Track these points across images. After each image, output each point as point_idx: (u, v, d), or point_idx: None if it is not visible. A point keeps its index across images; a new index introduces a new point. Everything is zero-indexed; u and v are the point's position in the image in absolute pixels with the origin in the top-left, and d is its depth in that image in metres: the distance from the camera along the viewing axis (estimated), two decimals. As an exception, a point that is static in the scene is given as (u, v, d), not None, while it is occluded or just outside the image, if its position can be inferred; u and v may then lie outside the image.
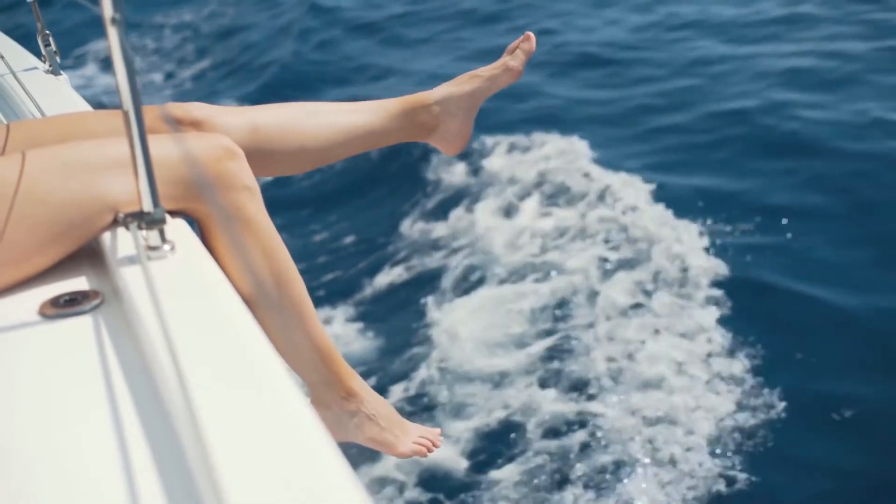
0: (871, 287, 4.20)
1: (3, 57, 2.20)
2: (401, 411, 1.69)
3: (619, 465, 3.49)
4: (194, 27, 9.65)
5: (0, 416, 0.97)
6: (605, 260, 4.69)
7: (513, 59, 1.82)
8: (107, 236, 1.25)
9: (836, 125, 5.57)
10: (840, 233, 4.63)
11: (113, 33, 1.05)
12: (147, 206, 1.13)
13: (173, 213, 1.33)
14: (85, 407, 0.97)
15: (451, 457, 3.56)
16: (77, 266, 1.26)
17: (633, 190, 5.23)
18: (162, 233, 1.15)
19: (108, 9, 1.03)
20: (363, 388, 1.63)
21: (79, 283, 1.22)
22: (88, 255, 1.28)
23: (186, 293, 1.08)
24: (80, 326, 1.11)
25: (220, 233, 1.39)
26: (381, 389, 3.85)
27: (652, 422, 3.65)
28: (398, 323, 4.55)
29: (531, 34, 1.83)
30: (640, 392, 3.79)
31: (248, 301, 1.42)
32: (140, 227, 1.15)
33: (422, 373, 4.08)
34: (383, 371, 4.16)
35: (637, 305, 4.33)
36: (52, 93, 1.99)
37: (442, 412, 3.82)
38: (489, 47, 7.22)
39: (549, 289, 4.53)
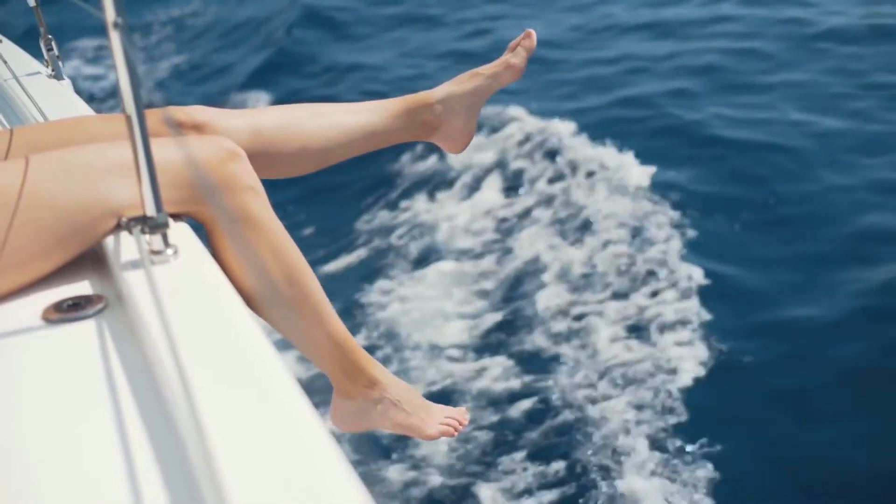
0: (767, 263, 4.45)
1: (5, 61, 2.21)
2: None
3: (569, 436, 3.59)
4: (179, 22, 9.68)
5: (4, 421, 0.97)
6: (551, 244, 4.86)
7: (514, 57, 1.82)
8: (110, 240, 1.25)
9: (743, 121, 5.83)
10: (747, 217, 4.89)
11: (115, 38, 1.05)
12: (150, 210, 1.13)
13: (176, 217, 1.33)
14: (88, 411, 0.97)
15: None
16: (80, 270, 1.26)
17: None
18: (165, 237, 1.15)
19: (110, 13, 1.03)
20: (384, 374, 1.63)
21: (82, 287, 1.22)
22: (92, 260, 1.28)
23: (190, 297, 1.08)
24: (84, 331, 1.11)
25: (226, 235, 1.39)
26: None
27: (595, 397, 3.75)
28: (356, 302, 4.67)
29: (532, 32, 1.83)
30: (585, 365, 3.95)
31: (261, 301, 1.45)
32: (143, 232, 1.15)
33: (378, 353, 4.18)
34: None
35: (583, 279, 4.47)
36: (55, 97, 1.99)
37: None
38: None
39: (504, 267, 4.71)
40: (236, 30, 9.18)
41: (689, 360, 3.89)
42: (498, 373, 3.97)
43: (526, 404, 3.81)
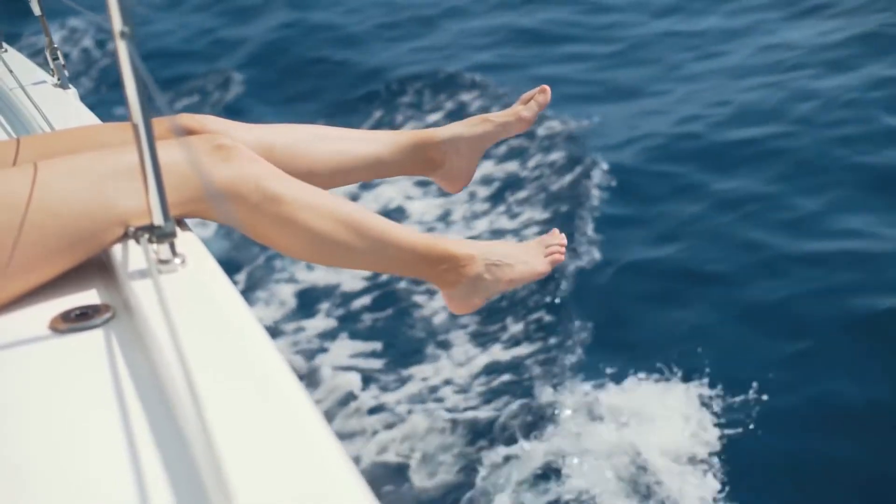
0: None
1: (11, 71, 2.21)
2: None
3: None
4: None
5: (12, 431, 0.97)
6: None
7: (526, 110, 1.84)
8: (117, 250, 1.25)
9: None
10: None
11: (122, 47, 1.05)
12: (158, 219, 1.13)
13: (182, 223, 1.33)
14: (96, 421, 0.97)
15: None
16: (88, 280, 1.26)
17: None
18: (173, 246, 1.15)
19: (117, 23, 1.03)
20: (472, 246, 1.67)
21: (90, 296, 1.22)
22: (99, 269, 1.28)
23: (197, 307, 1.08)
24: (91, 340, 1.11)
25: (259, 222, 1.40)
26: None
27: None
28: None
29: (547, 88, 1.85)
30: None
31: (327, 256, 1.50)
32: (151, 241, 1.15)
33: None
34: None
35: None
36: (61, 106, 1.99)
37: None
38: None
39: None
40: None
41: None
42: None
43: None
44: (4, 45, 2.54)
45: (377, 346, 4.32)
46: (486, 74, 6.74)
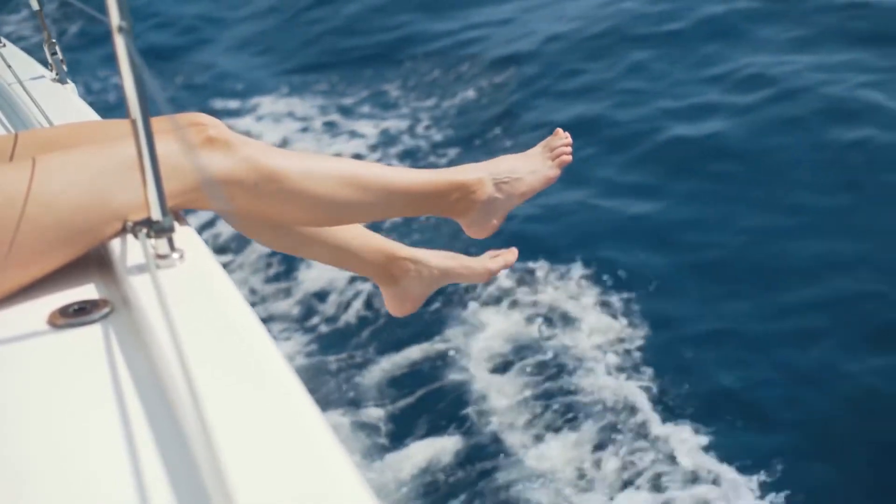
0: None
1: (10, 66, 2.21)
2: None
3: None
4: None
5: (9, 427, 0.97)
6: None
7: (492, 263, 1.84)
8: (115, 244, 1.25)
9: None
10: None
11: (120, 42, 1.04)
12: (156, 214, 1.13)
13: (181, 218, 1.33)
14: (94, 417, 0.97)
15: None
16: (86, 275, 1.26)
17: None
18: (171, 241, 1.15)
19: (114, 17, 1.03)
20: (479, 169, 1.67)
21: (87, 291, 1.22)
22: (97, 264, 1.28)
23: (196, 302, 1.07)
24: (90, 336, 1.11)
25: (262, 202, 1.41)
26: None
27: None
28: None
29: (516, 251, 1.87)
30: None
31: (336, 219, 1.51)
32: (149, 236, 1.15)
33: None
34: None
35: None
36: (59, 101, 1.99)
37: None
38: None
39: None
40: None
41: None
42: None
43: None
44: (3, 39, 2.53)
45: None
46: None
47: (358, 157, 5.64)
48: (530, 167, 1.72)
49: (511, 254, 1.87)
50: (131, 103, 1.08)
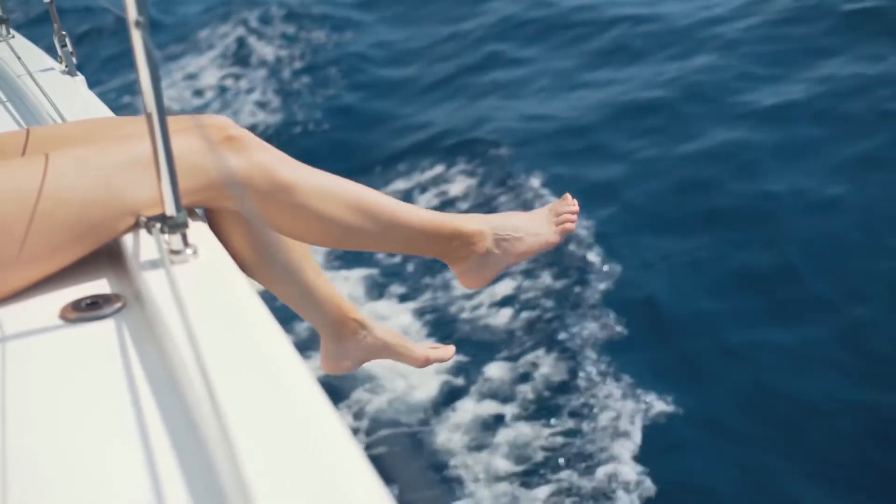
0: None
1: (20, 58, 2.21)
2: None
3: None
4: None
5: (22, 420, 0.97)
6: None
7: (428, 354, 1.84)
8: (128, 239, 1.25)
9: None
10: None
11: (136, 36, 1.04)
12: (170, 209, 1.13)
13: (194, 213, 1.33)
14: (107, 412, 0.97)
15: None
16: (98, 269, 1.26)
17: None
18: (184, 237, 1.15)
19: (132, 12, 1.03)
20: (483, 221, 1.68)
21: (100, 286, 1.22)
22: (110, 259, 1.28)
23: (209, 297, 1.07)
24: (102, 330, 1.11)
25: (270, 210, 1.41)
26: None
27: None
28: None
29: (453, 347, 1.87)
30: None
31: (338, 240, 1.51)
32: (162, 231, 1.15)
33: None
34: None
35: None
36: (69, 93, 1.99)
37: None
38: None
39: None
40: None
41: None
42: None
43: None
44: (12, 31, 2.53)
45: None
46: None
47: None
48: (534, 229, 1.71)
49: (448, 351, 1.86)
50: (147, 98, 1.07)
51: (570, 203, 1.76)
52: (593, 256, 4.55)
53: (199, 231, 1.22)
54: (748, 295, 4.15)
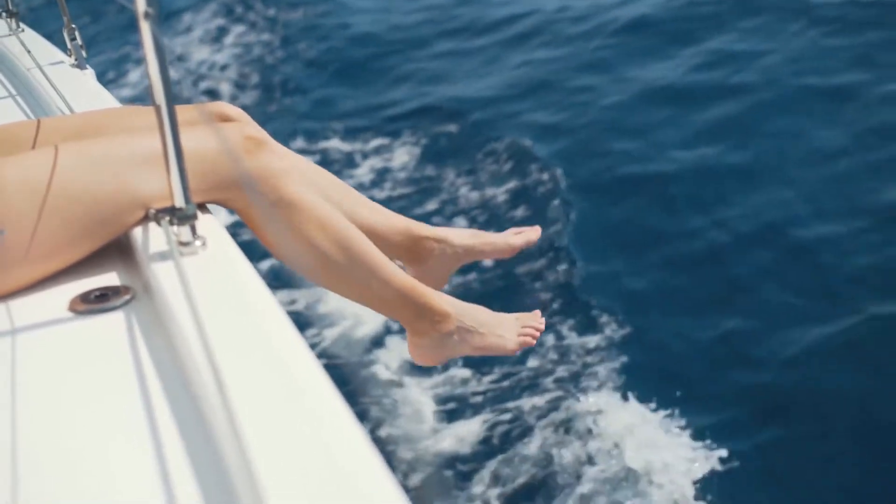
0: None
1: (29, 51, 2.21)
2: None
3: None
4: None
5: (32, 413, 0.97)
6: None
7: (516, 239, 1.85)
8: (138, 232, 1.25)
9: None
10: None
11: (146, 28, 1.04)
12: (179, 201, 1.13)
13: (203, 207, 1.33)
14: (116, 404, 0.97)
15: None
16: (108, 261, 1.26)
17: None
18: (193, 228, 1.15)
19: (141, 4, 1.03)
20: (453, 304, 1.68)
21: (109, 278, 1.22)
22: (119, 251, 1.28)
23: (218, 289, 1.07)
24: (111, 322, 1.11)
25: (267, 220, 1.41)
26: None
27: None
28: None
29: (539, 229, 1.89)
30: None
31: (318, 272, 1.49)
32: (172, 223, 1.15)
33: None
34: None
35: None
36: (78, 86, 1.99)
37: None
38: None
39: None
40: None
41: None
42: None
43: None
44: (21, 24, 2.53)
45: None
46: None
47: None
48: (498, 330, 1.73)
49: (534, 232, 1.88)
50: (156, 90, 1.08)
51: (538, 321, 1.78)
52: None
53: (207, 223, 1.23)
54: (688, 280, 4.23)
